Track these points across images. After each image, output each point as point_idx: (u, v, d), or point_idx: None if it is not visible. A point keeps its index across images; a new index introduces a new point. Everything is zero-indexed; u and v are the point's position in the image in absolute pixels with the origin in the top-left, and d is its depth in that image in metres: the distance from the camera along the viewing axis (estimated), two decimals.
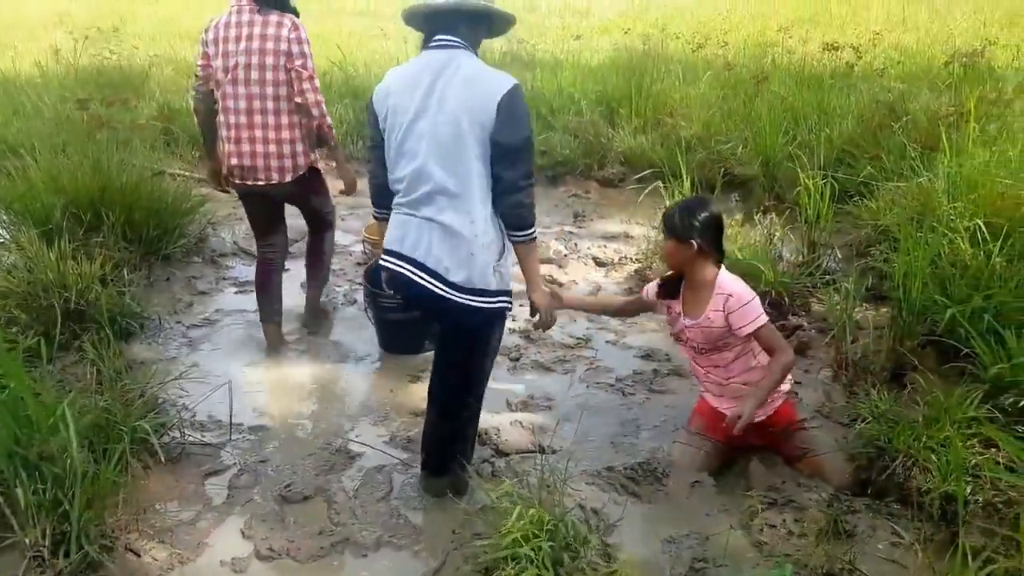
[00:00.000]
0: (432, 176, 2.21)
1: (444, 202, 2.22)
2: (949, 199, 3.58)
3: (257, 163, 3.31)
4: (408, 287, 2.30)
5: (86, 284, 3.51)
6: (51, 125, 5.90)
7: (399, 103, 2.25)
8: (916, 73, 6.98)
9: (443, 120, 2.18)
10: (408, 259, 2.28)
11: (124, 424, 2.62)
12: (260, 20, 3.21)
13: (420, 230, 2.26)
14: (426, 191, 2.23)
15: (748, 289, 2.62)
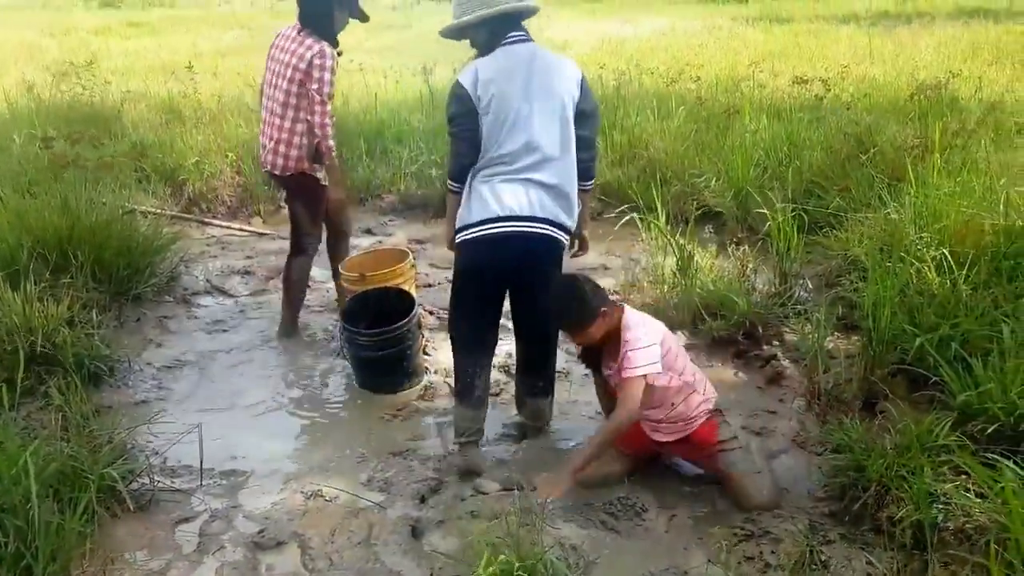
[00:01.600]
0: (541, 146, 2.72)
1: (551, 166, 2.74)
2: (916, 229, 3.64)
3: (266, 152, 3.87)
4: (519, 242, 2.74)
5: (53, 327, 3.45)
6: (18, 163, 5.85)
7: (505, 90, 2.68)
8: (883, 105, 7.13)
9: (549, 100, 2.71)
10: (525, 218, 2.73)
11: (91, 472, 2.57)
12: (298, 41, 3.72)
13: (531, 190, 2.73)
14: (536, 159, 2.72)
15: (646, 334, 2.63)
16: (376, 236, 5.88)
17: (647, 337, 2.61)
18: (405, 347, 3.59)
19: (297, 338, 4.19)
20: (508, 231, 2.73)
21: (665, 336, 2.73)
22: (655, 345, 2.60)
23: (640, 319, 2.70)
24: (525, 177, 2.72)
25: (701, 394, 2.78)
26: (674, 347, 2.78)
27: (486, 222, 2.74)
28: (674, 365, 2.71)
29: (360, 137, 7.07)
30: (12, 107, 8.21)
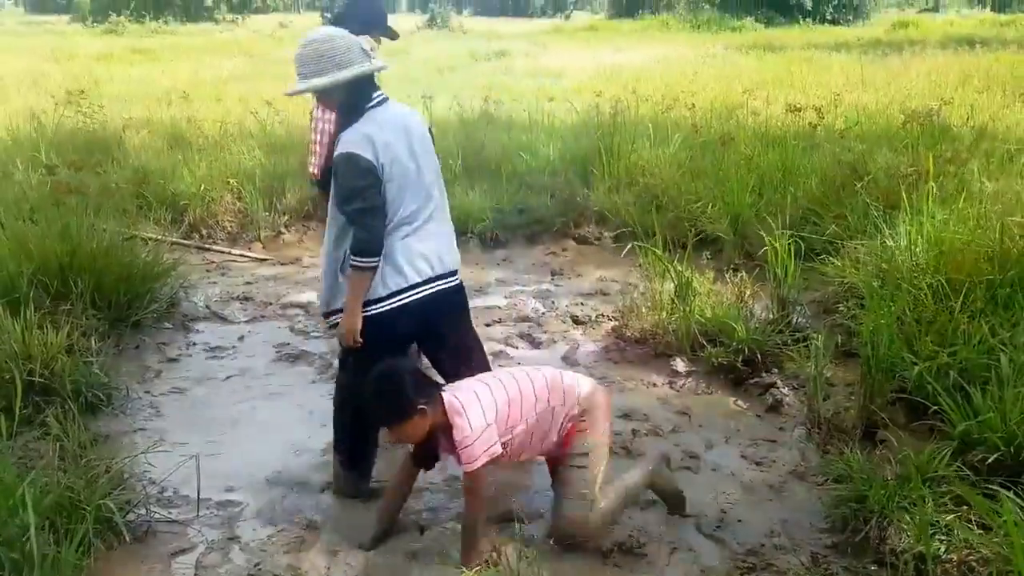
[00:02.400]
0: (434, 198, 2.83)
1: (442, 214, 2.88)
2: (911, 256, 3.67)
3: (318, 160, 3.93)
4: (442, 299, 2.82)
5: (52, 355, 3.44)
6: (20, 190, 5.87)
7: (398, 152, 2.69)
8: (876, 133, 7.21)
9: (428, 155, 2.83)
10: (439, 276, 2.82)
11: (88, 503, 2.54)
12: None
13: (439, 245, 2.84)
14: (431, 211, 2.81)
15: (476, 417, 2.43)
16: None
17: (477, 420, 2.42)
18: None
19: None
20: (432, 292, 2.78)
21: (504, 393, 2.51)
22: (490, 426, 2.43)
23: (468, 400, 2.46)
24: (429, 232, 2.79)
25: (564, 407, 2.59)
26: (524, 392, 2.55)
27: (408, 289, 2.73)
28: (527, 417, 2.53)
29: None
30: (14, 134, 8.25)
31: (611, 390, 3.82)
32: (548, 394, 2.59)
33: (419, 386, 2.46)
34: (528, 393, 2.57)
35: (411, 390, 2.42)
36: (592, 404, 2.64)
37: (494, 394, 2.52)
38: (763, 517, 2.80)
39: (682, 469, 3.12)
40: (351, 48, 2.67)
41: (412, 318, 2.76)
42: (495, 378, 2.64)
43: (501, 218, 6.21)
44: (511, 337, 4.46)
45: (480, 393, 2.51)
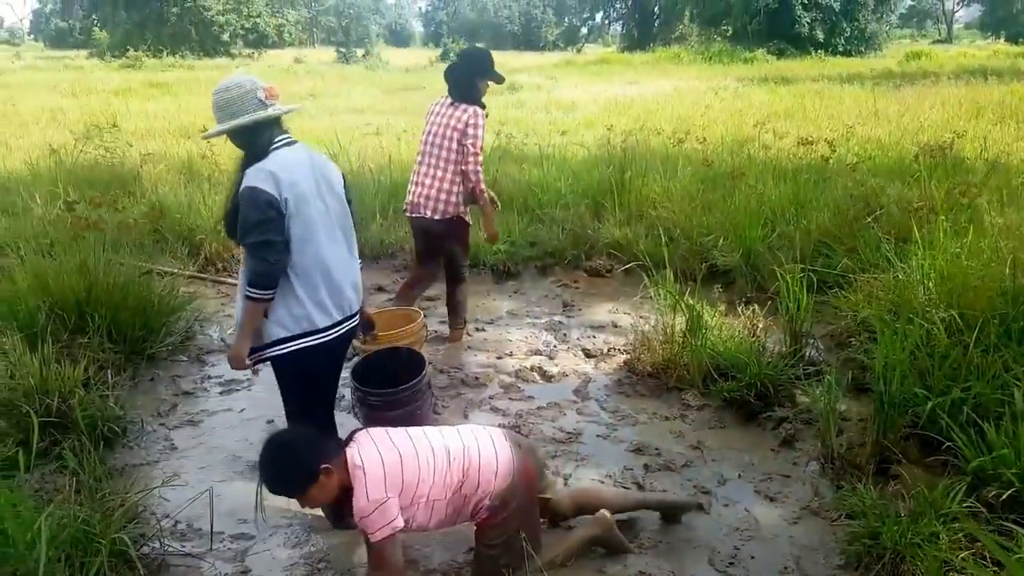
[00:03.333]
0: (344, 237, 2.98)
1: (353, 252, 3.05)
2: (924, 290, 3.66)
3: (422, 200, 4.53)
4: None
5: (69, 389, 3.49)
6: (39, 225, 5.98)
7: (304, 190, 2.77)
8: (888, 166, 7.24)
9: (333, 195, 2.92)
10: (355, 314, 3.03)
11: (103, 536, 2.56)
12: (454, 107, 4.50)
13: (352, 284, 3.00)
14: (345, 250, 2.97)
15: (373, 490, 2.29)
16: (388, 294, 5.94)
17: (375, 491, 2.29)
18: (416, 406, 3.59)
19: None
20: (350, 328, 2.99)
21: (416, 467, 2.38)
22: (389, 499, 2.29)
23: (370, 466, 2.32)
24: (343, 271, 2.92)
25: (475, 496, 2.47)
26: (437, 470, 2.42)
27: (332, 327, 2.85)
28: (434, 498, 2.42)
29: (374, 197, 7.21)
30: (34, 168, 8.44)
31: (624, 424, 3.83)
32: (462, 481, 2.43)
33: (316, 447, 2.34)
34: (441, 473, 2.41)
35: (308, 453, 2.31)
36: (510, 495, 2.49)
37: (403, 464, 2.36)
38: (776, 553, 2.78)
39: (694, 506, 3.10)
40: (244, 97, 2.72)
41: (334, 353, 2.95)
42: (411, 444, 2.43)
43: (513, 250, 6.26)
44: (523, 370, 4.48)
45: (387, 460, 2.35)
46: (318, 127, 12.07)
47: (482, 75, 4.54)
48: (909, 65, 24.96)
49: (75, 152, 8.71)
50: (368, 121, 12.72)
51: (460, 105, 4.48)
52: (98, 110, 13.23)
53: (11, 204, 6.95)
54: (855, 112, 11.96)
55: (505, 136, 9.67)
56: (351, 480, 2.31)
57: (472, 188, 4.49)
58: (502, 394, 4.21)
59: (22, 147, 10.08)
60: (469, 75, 4.53)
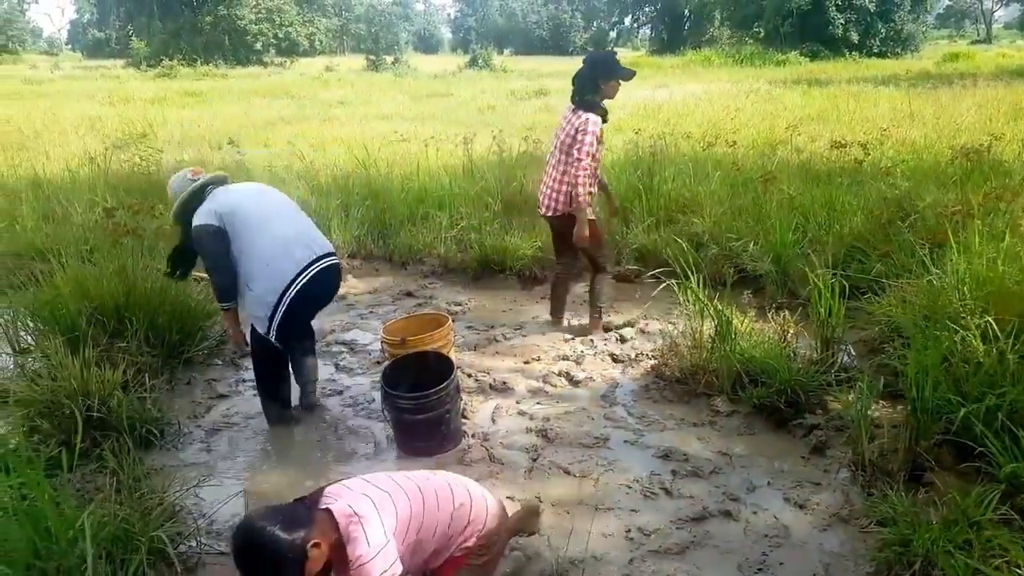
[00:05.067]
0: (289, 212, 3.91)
1: (300, 217, 3.97)
2: (959, 296, 3.61)
3: (540, 198, 4.99)
4: (332, 270, 3.80)
5: (108, 391, 3.60)
6: (79, 231, 6.15)
7: (242, 200, 3.69)
8: (923, 169, 7.12)
9: (275, 195, 3.95)
10: (326, 254, 3.79)
11: (142, 534, 2.65)
12: (572, 113, 4.73)
13: (308, 240, 3.79)
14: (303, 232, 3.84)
15: (374, 535, 2.13)
16: (417, 299, 6.01)
17: (376, 536, 2.12)
18: (444, 411, 3.64)
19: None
20: (332, 263, 3.81)
21: (408, 505, 2.28)
22: (389, 542, 2.15)
23: (365, 510, 2.16)
24: (301, 231, 3.78)
25: (461, 536, 2.40)
26: (427, 508, 2.31)
27: (304, 269, 3.66)
28: (423, 537, 2.31)
29: (403, 203, 7.28)
30: (74, 176, 8.67)
31: (652, 430, 3.83)
32: (451, 520, 2.34)
33: (293, 524, 2.05)
34: (432, 511, 2.31)
35: (289, 536, 2.02)
36: (491, 539, 2.45)
37: (395, 503, 2.24)
38: (806, 560, 2.76)
39: (722, 512, 3.11)
40: (181, 182, 3.81)
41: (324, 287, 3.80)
42: (394, 483, 2.33)
43: (540, 255, 6.28)
44: (550, 375, 4.49)
45: (377, 501, 2.21)
46: (347, 134, 12.23)
47: (606, 76, 4.68)
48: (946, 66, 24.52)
49: (111, 160, 8.93)
50: (396, 128, 12.85)
51: (579, 112, 4.67)
52: (135, 119, 13.54)
53: (51, 211, 7.16)
54: (890, 115, 11.79)
55: (532, 141, 9.70)
56: (345, 536, 2.11)
57: (573, 191, 4.70)
58: (529, 398, 4.23)
59: (62, 155, 10.37)
60: (592, 77, 4.69)
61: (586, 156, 4.61)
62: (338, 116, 15.63)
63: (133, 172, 8.71)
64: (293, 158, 9.41)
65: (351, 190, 7.69)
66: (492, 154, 9.05)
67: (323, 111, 16.77)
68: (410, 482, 2.36)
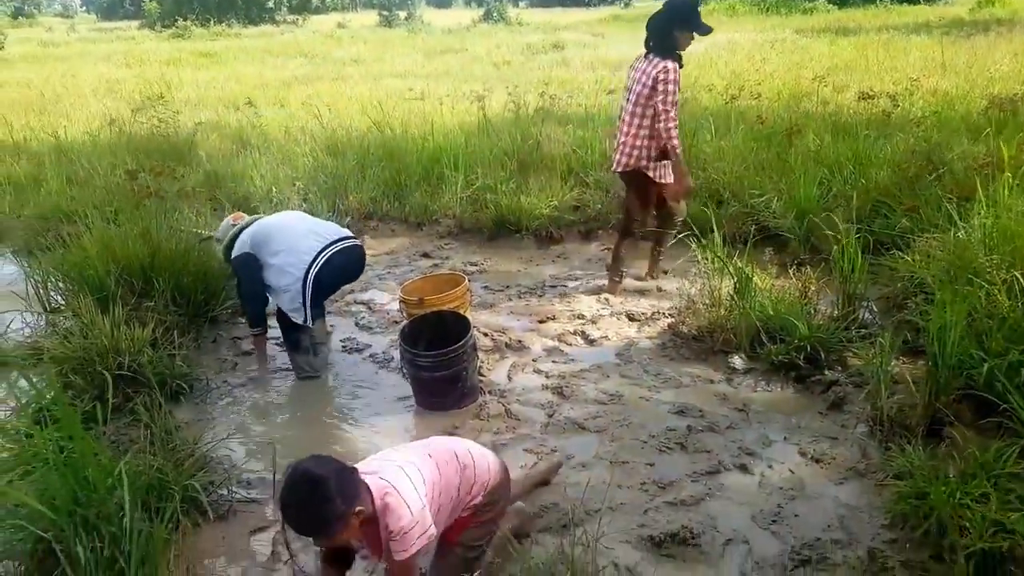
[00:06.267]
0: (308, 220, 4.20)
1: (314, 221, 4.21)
2: (985, 251, 3.55)
3: (614, 154, 4.82)
4: (356, 250, 4.07)
5: (138, 348, 3.70)
6: (103, 193, 6.23)
7: (269, 225, 4.06)
8: (954, 121, 6.95)
9: (301, 219, 4.18)
10: (345, 237, 4.05)
11: (175, 484, 2.76)
12: (647, 62, 4.55)
13: (323, 229, 4.07)
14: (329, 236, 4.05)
15: (413, 503, 2.17)
16: (433, 260, 6.04)
17: (415, 503, 2.17)
18: (461, 368, 3.70)
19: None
20: (352, 243, 4.05)
21: (434, 471, 2.32)
22: (425, 507, 2.20)
23: (399, 482, 2.19)
24: (316, 230, 4.02)
25: (469, 495, 2.43)
26: (444, 474, 2.34)
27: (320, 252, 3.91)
28: (441, 503, 2.33)
29: (418, 163, 7.27)
30: (95, 139, 8.75)
31: (668, 387, 3.85)
32: (460, 481, 2.39)
33: (348, 483, 2.10)
34: (447, 476, 2.35)
35: (342, 495, 2.05)
36: (500, 493, 2.51)
37: (422, 472, 2.28)
38: (820, 512, 2.80)
39: (737, 466, 3.14)
40: (225, 229, 4.17)
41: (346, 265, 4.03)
42: (407, 457, 2.35)
43: (556, 215, 6.25)
44: (566, 334, 4.51)
45: (407, 470, 2.25)
46: (361, 93, 12.14)
47: (682, 26, 4.45)
48: (981, 13, 23.62)
49: (132, 123, 8.99)
50: (411, 86, 12.73)
51: (653, 59, 4.47)
52: (152, 80, 13.56)
53: (75, 173, 7.25)
54: (921, 64, 11.46)
55: (549, 97, 9.58)
56: (381, 509, 2.14)
57: (664, 144, 4.53)
58: (545, 357, 4.27)
59: (82, 118, 10.44)
60: (667, 25, 4.47)
61: (672, 106, 4.43)
62: (351, 75, 15.50)
63: (153, 134, 8.76)
64: (309, 118, 9.39)
65: (366, 150, 7.68)
66: (508, 111, 8.96)
67: (337, 70, 16.63)
68: (421, 451, 2.40)
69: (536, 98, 9.29)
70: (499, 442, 3.42)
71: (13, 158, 8.17)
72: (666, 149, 4.54)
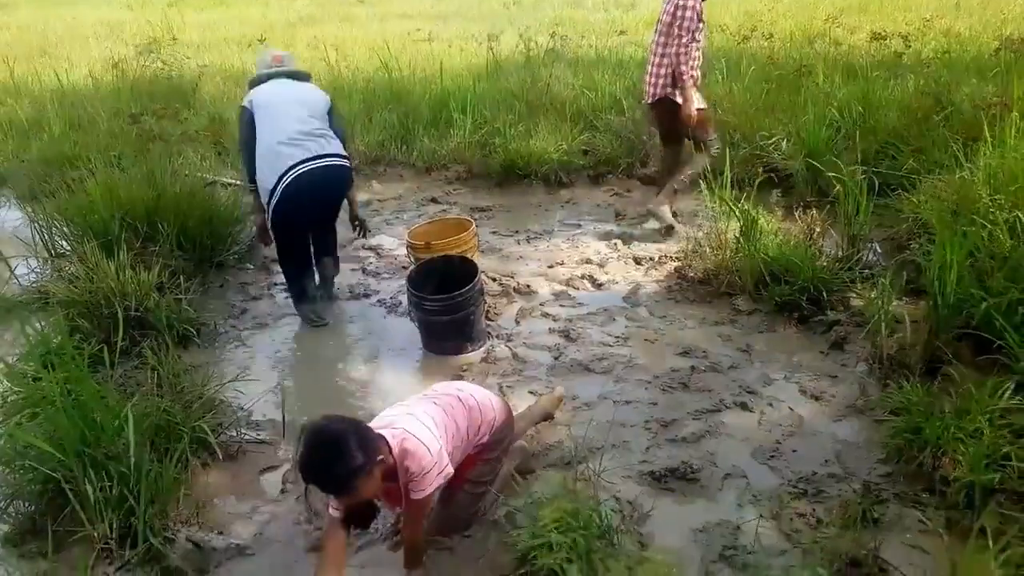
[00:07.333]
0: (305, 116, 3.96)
1: (315, 125, 3.95)
2: (989, 191, 3.53)
3: (643, 85, 4.99)
4: (327, 172, 3.86)
5: (144, 292, 3.72)
6: (106, 137, 6.20)
7: (271, 99, 3.95)
8: (965, 61, 6.81)
9: (303, 105, 3.98)
10: (323, 155, 3.86)
11: (184, 425, 2.80)
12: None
13: (305, 143, 3.87)
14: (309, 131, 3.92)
15: (432, 444, 2.24)
16: (441, 205, 6.02)
17: (434, 444, 2.24)
18: (469, 312, 3.73)
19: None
20: (311, 168, 3.82)
21: (443, 415, 2.37)
22: (442, 447, 2.27)
23: (415, 427, 2.25)
24: (304, 137, 3.85)
25: (477, 436, 2.49)
26: (455, 418, 2.41)
27: (299, 164, 3.80)
28: (454, 445, 2.38)
29: (426, 106, 7.19)
30: (98, 83, 8.65)
31: (673, 328, 3.88)
32: (468, 424, 2.44)
33: (366, 436, 2.13)
34: (457, 419, 2.41)
35: (363, 446, 2.08)
36: (506, 431, 2.57)
37: (433, 417, 2.34)
38: (818, 448, 2.85)
39: (738, 404, 3.19)
40: (261, 62, 4.19)
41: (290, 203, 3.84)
42: (414, 407, 2.39)
43: (566, 159, 6.20)
44: (573, 278, 4.53)
45: (419, 417, 2.31)
46: (368, 35, 11.93)
47: None
48: None
49: (136, 66, 8.88)
50: (419, 27, 12.49)
51: None
52: (155, 22, 13.32)
53: (77, 118, 7.19)
54: (935, 4, 11.16)
55: (559, 38, 9.39)
56: (400, 455, 2.18)
57: (674, 70, 4.68)
58: (552, 301, 4.29)
59: (84, 61, 10.32)
60: None
61: (686, 33, 4.57)
62: (358, 15, 15.21)
63: (156, 77, 8.65)
64: (316, 60, 9.25)
65: (373, 93, 7.58)
66: (518, 53, 8.80)
67: (343, 11, 16.31)
68: (426, 400, 2.45)
69: (547, 39, 9.10)
70: (505, 384, 3.46)
71: (15, 101, 8.12)
72: (675, 77, 4.69)
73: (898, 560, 2.19)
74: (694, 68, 4.74)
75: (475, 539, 2.49)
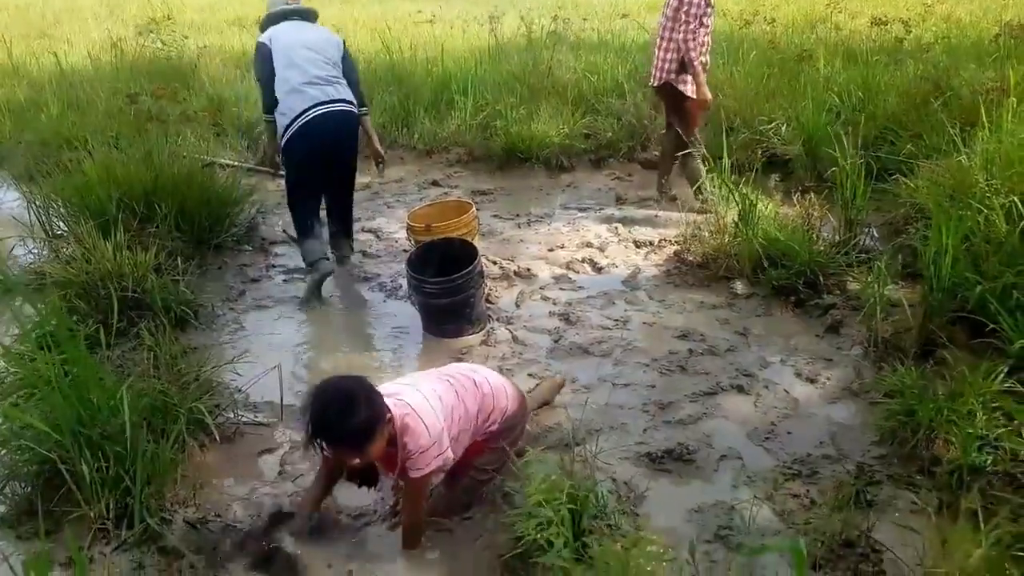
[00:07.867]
0: (312, 71, 4.09)
1: (328, 71, 4.14)
2: (985, 176, 3.53)
3: (651, 71, 5.00)
4: (340, 116, 4.08)
5: (141, 273, 3.70)
6: (104, 118, 6.17)
7: (288, 41, 4.10)
8: (965, 47, 6.79)
9: (315, 51, 4.13)
10: (328, 101, 4.05)
11: (181, 406, 2.79)
12: None
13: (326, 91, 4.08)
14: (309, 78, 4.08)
15: (431, 423, 2.23)
16: (442, 187, 6.01)
17: (434, 424, 2.24)
18: (469, 294, 3.73)
19: None
20: (325, 112, 4.01)
21: (452, 395, 2.37)
22: (443, 430, 2.27)
23: (418, 403, 2.25)
24: (318, 81, 4.03)
25: (487, 423, 2.48)
26: (464, 400, 2.40)
27: (311, 108, 3.98)
28: (462, 427, 2.39)
29: (427, 88, 7.15)
30: (96, 63, 8.59)
31: (672, 311, 3.89)
32: (479, 408, 2.43)
33: (375, 397, 2.14)
34: (467, 401, 2.40)
35: (373, 402, 2.11)
36: (518, 419, 2.56)
37: (441, 396, 2.34)
38: (813, 430, 2.87)
39: (735, 387, 3.20)
40: (271, 3, 4.29)
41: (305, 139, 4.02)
42: (426, 382, 2.40)
43: (568, 143, 6.18)
44: (573, 261, 4.53)
45: (425, 394, 2.31)
46: (369, 15, 11.86)
47: None
48: None
49: (136, 46, 8.82)
50: (420, 8, 12.40)
51: None
52: (155, 3, 13.23)
53: (76, 98, 7.15)
54: None
55: (562, 21, 9.34)
56: (401, 429, 2.18)
57: (681, 56, 4.72)
58: (552, 284, 4.30)
59: (83, 42, 10.25)
60: None
61: (693, 19, 4.60)
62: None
63: (155, 57, 8.60)
64: None
65: (374, 74, 7.55)
66: (520, 36, 8.75)
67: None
68: (441, 377, 2.46)
69: (550, 22, 9.05)
70: (505, 367, 3.47)
71: (13, 81, 8.07)
72: (684, 61, 4.73)
73: (891, 540, 2.21)
74: (704, 54, 4.75)
75: (475, 520, 2.50)
